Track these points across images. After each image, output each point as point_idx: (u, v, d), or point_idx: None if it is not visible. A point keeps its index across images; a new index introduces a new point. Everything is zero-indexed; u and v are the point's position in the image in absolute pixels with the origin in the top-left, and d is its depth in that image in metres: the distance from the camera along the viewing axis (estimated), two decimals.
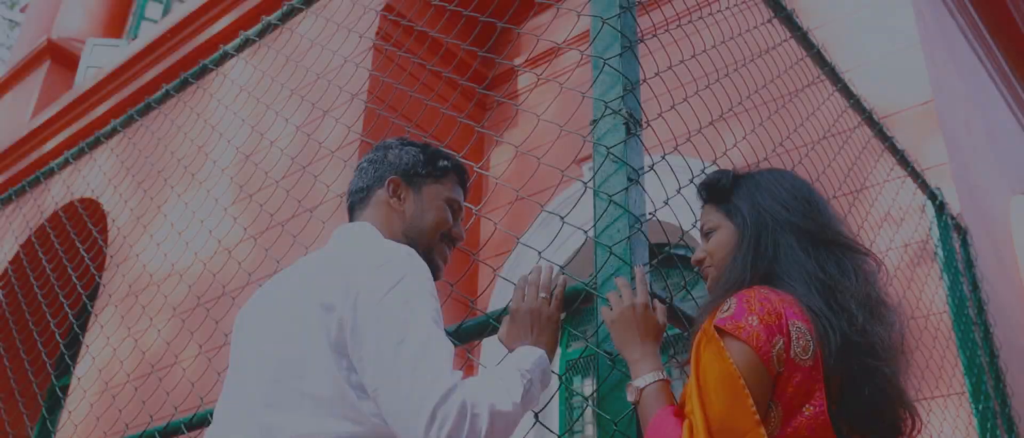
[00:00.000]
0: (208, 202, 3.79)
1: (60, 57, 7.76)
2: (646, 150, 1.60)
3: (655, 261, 1.52)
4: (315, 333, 1.26)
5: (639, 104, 1.61)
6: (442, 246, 1.57)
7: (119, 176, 4.08)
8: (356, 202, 1.59)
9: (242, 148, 4.33)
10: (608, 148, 1.54)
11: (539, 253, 1.67)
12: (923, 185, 3.28)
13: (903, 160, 3.13)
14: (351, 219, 1.59)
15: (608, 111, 1.57)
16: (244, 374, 1.36)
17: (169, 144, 4.44)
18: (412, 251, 1.36)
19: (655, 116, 1.68)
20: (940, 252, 3.29)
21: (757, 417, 1.15)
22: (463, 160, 1.67)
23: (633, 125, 1.57)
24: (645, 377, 1.30)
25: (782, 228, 1.36)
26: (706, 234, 1.45)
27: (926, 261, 3.38)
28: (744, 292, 1.27)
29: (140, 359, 3.96)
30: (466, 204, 1.66)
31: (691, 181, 1.71)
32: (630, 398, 1.31)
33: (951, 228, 3.39)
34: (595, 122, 1.59)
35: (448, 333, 1.58)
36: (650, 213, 1.55)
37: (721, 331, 1.21)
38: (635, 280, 1.41)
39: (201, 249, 3.72)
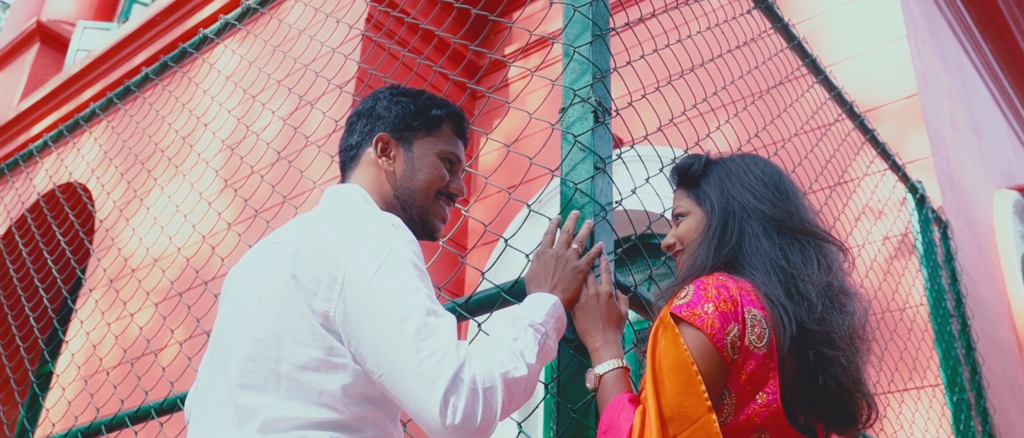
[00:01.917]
0: (194, 190, 3.78)
1: (50, 40, 7.71)
2: (635, 140, 1.61)
3: (620, 250, 1.52)
4: (294, 315, 1.22)
5: (608, 92, 1.61)
6: (438, 205, 1.47)
7: (104, 163, 4.07)
8: (346, 160, 1.50)
9: (227, 140, 4.33)
10: (575, 136, 1.54)
11: (526, 255, 1.68)
12: (904, 178, 3.29)
13: (884, 152, 3.14)
14: (343, 178, 1.50)
15: (577, 99, 1.58)
16: (223, 348, 1.31)
17: (154, 135, 4.42)
18: (397, 222, 1.30)
19: (625, 105, 1.69)
20: (920, 245, 3.31)
21: (709, 404, 1.16)
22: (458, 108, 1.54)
23: (602, 113, 1.58)
24: (605, 364, 1.31)
25: (749, 215, 1.37)
26: (677, 219, 1.46)
27: (906, 254, 3.40)
28: (702, 279, 1.28)
29: (121, 347, 3.96)
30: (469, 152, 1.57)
31: (660, 171, 1.72)
32: (590, 385, 1.32)
33: (932, 221, 3.41)
34: (564, 110, 1.60)
35: (457, 306, 1.57)
36: (617, 201, 1.56)
37: (676, 318, 1.23)
38: (599, 270, 1.42)
39: (183, 237, 3.71)
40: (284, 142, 4.00)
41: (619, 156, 1.60)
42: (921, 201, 3.38)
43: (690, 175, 1.46)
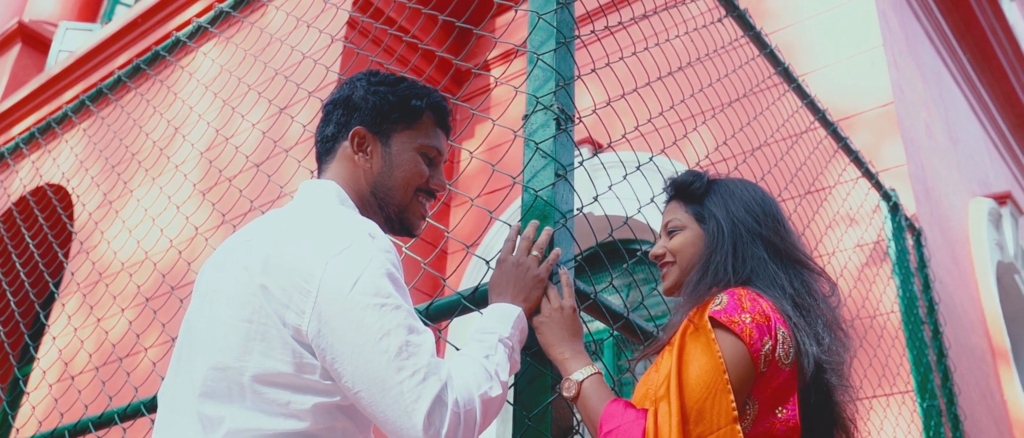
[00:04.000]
0: (171, 201, 3.77)
1: (31, 40, 7.66)
2: (599, 145, 1.62)
3: (579, 257, 1.53)
4: (263, 325, 1.19)
5: (572, 100, 1.62)
6: (417, 202, 1.41)
7: (83, 167, 4.05)
8: (322, 152, 1.43)
9: (206, 146, 4.31)
10: (537, 143, 1.55)
11: (486, 262, 1.68)
12: (877, 185, 3.32)
13: (857, 160, 3.17)
14: (319, 169, 1.44)
15: (539, 106, 1.58)
16: (190, 348, 1.27)
17: (132, 144, 4.40)
18: (374, 230, 1.25)
19: (588, 113, 1.70)
20: (892, 252, 3.34)
21: (735, 414, 1.17)
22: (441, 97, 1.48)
23: (564, 121, 1.58)
24: (582, 370, 1.32)
25: (754, 240, 1.40)
26: (669, 231, 1.47)
27: (879, 261, 3.43)
28: (734, 290, 1.30)
29: (103, 346, 3.94)
30: (454, 145, 1.49)
31: (624, 178, 1.73)
32: (568, 393, 1.31)
33: (905, 228, 3.43)
34: (526, 117, 1.60)
35: (418, 312, 1.56)
36: (578, 208, 1.57)
37: (715, 322, 1.23)
38: (561, 283, 1.42)
39: (157, 242, 3.70)
40: (262, 149, 3.99)
41: (583, 159, 1.60)
42: (895, 208, 3.41)
43: (692, 191, 1.48)
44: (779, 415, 1.23)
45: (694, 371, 1.19)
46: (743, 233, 1.39)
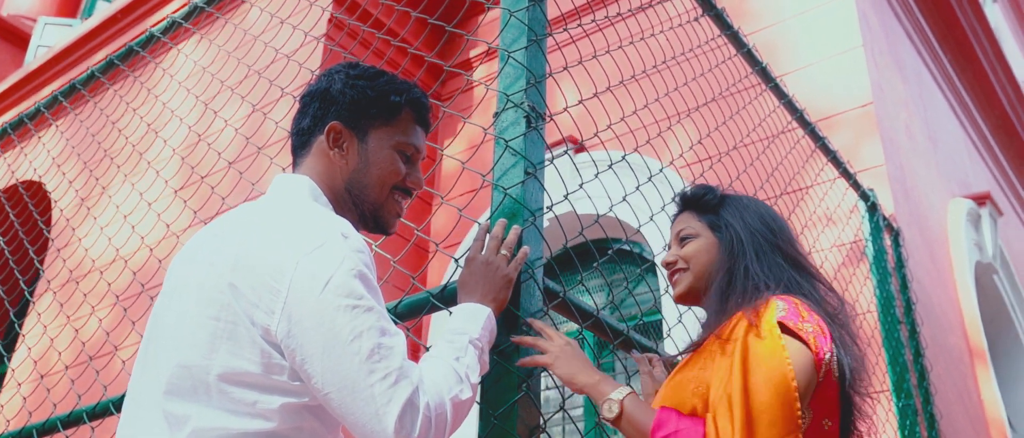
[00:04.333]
0: (146, 187, 3.73)
1: (10, 35, 7.59)
2: (568, 142, 1.61)
3: (550, 256, 1.52)
4: (231, 324, 1.17)
5: (543, 98, 1.61)
6: (392, 200, 1.38)
7: (58, 165, 4.00)
8: (297, 146, 1.40)
9: (183, 144, 4.28)
10: (507, 141, 1.54)
11: (455, 260, 1.67)
12: (855, 185, 3.33)
13: (835, 160, 3.17)
14: (293, 162, 1.41)
15: (509, 104, 1.58)
16: (157, 342, 1.25)
17: (105, 142, 4.36)
18: (347, 229, 1.22)
19: (560, 111, 1.69)
20: (870, 251, 3.35)
21: (800, 422, 1.17)
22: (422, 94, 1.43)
23: (534, 118, 1.57)
24: (620, 390, 1.30)
25: (773, 251, 1.42)
26: (682, 239, 1.48)
27: (857, 261, 3.44)
28: (787, 297, 1.31)
29: (78, 348, 3.90)
30: (430, 144, 1.47)
31: (595, 176, 1.73)
32: (610, 413, 1.28)
33: (883, 229, 3.45)
34: (497, 115, 1.60)
35: (388, 310, 1.53)
36: (548, 207, 1.56)
37: (784, 328, 1.24)
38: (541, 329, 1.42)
39: (137, 235, 3.67)
40: (237, 147, 3.96)
41: (554, 158, 1.59)
42: (872, 208, 3.42)
43: (705, 202, 1.50)
44: (825, 426, 1.24)
45: (761, 376, 1.18)
46: (762, 243, 1.42)
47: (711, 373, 1.26)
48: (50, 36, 6.93)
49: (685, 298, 1.47)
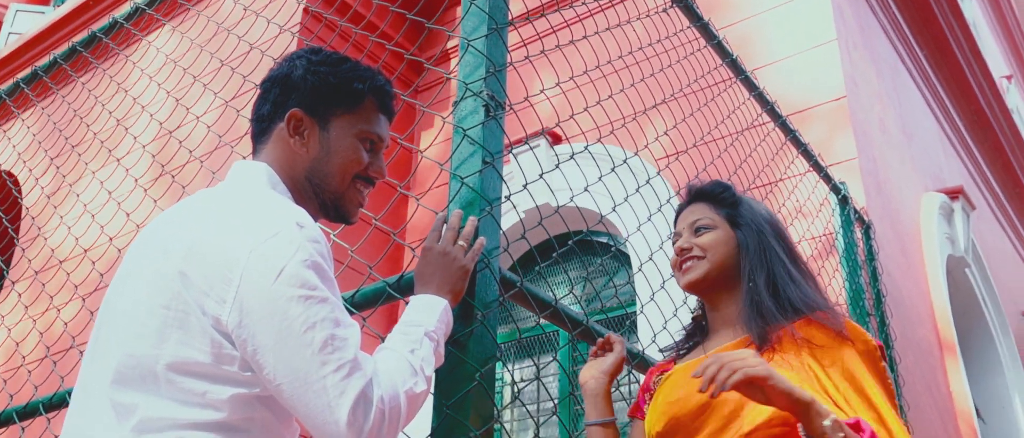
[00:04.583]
0: (115, 185, 3.69)
1: None
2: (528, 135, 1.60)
3: (506, 246, 1.51)
4: (181, 313, 1.15)
5: (503, 87, 1.60)
6: (354, 189, 1.35)
7: (29, 152, 3.95)
8: (257, 133, 1.37)
9: (152, 139, 4.23)
10: (465, 130, 1.53)
11: (411, 248, 1.66)
12: (826, 178, 3.34)
13: (806, 153, 3.18)
14: (254, 149, 1.38)
15: (468, 93, 1.56)
16: (107, 333, 1.23)
17: (72, 130, 4.30)
18: (304, 218, 1.20)
19: (520, 101, 1.68)
20: (840, 243, 3.37)
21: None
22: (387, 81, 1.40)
23: (494, 107, 1.56)
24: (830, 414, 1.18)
25: (793, 262, 1.48)
26: (697, 229, 1.50)
27: (828, 253, 3.46)
28: (841, 316, 1.38)
29: (15, 340, 3.86)
30: (392, 134, 1.42)
31: (557, 166, 1.72)
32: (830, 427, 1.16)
33: (854, 221, 3.47)
34: (456, 104, 1.58)
35: (344, 299, 1.52)
36: (505, 196, 1.55)
37: (882, 352, 1.35)
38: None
39: (112, 232, 3.63)
40: (208, 142, 3.92)
41: (513, 150, 1.58)
42: (843, 201, 3.44)
43: (723, 197, 1.53)
44: None
45: (884, 396, 1.28)
46: (780, 251, 1.47)
47: (806, 376, 1.28)
48: (21, 23, 6.83)
49: (697, 285, 1.48)
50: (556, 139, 4.36)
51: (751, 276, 1.43)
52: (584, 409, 1.48)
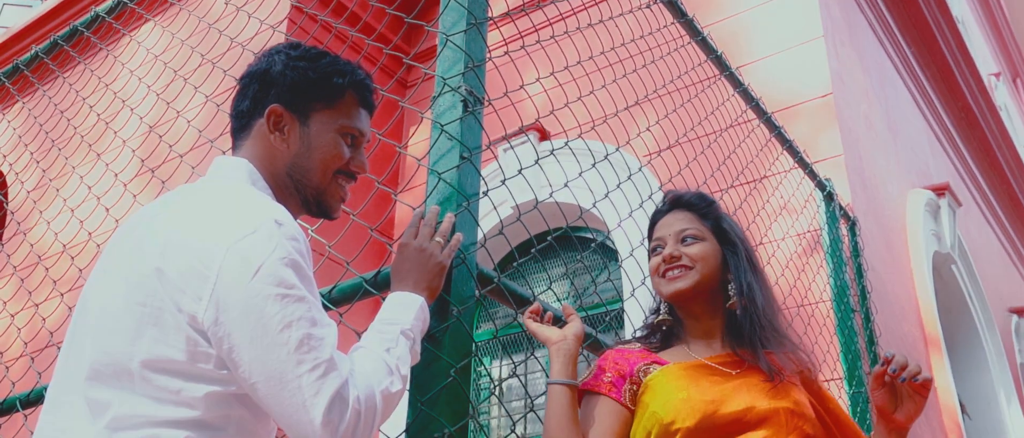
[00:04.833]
0: (95, 181, 3.67)
1: None
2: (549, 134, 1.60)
3: (482, 243, 1.51)
4: (157, 310, 1.14)
5: (481, 82, 1.60)
6: (336, 185, 1.34)
7: (17, 150, 3.92)
8: (237, 128, 1.35)
9: (136, 138, 4.20)
10: (442, 126, 1.52)
11: (389, 244, 1.65)
12: (812, 174, 3.35)
13: (792, 149, 3.19)
14: (234, 145, 1.36)
15: (447, 88, 1.56)
16: (83, 329, 1.22)
17: (52, 126, 4.27)
18: (282, 216, 1.19)
19: (499, 96, 1.68)
20: (825, 239, 3.38)
21: None
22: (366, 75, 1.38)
23: (472, 103, 1.56)
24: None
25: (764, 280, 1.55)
26: (683, 238, 1.50)
27: (813, 249, 3.47)
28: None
29: (25, 337, 3.83)
30: (372, 130, 1.41)
31: (536, 162, 1.71)
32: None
33: (839, 218, 3.48)
34: (434, 99, 1.58)
35: (321, 297, 1.49)
36: (483, 192, 1.55)
37: None
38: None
39: (93, 229, 3.61)
40: (195, 139, 3.89)
41: (491, 144, 1.58)
42: (829, 197, 3.45)
43: (705, 207, 1.55)
44: None
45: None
46: (761, 275, 1.53)
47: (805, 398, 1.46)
48: (8, 16, 6.78)
49: (682, 295, 1.48)
50: (543, 136, 4.36)
51: (748, 295, 1.47)
52: (550, 366, 1.44)
